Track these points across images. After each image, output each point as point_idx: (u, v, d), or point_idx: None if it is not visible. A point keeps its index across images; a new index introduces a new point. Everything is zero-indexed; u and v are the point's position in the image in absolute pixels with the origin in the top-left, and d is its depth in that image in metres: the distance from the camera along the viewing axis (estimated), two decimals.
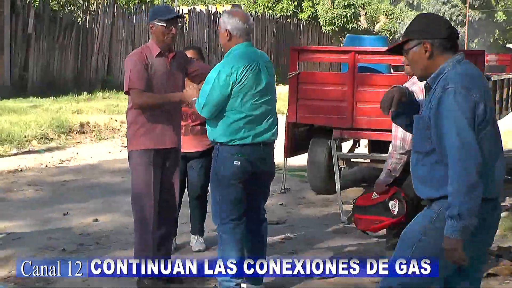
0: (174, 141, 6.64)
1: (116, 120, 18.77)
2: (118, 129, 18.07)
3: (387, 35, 44.56)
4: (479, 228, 4.07)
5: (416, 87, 6.22)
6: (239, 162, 6.10)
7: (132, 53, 6.66)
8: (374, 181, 6.99)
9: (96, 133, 17.24)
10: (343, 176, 11.01)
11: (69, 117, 17.94)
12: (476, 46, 79.58)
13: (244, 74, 6.05)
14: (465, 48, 73.08)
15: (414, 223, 4.34)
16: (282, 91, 14.87)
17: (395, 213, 6.54)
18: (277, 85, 15.95)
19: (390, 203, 6.57)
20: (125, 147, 15.26)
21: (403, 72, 11.69)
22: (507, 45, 72.38)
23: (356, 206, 6.92)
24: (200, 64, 7.10)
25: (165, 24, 6.46)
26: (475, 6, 78.85)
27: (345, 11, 38.99)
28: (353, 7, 39.14)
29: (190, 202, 7.93)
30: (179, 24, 6.78)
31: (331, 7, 39.28)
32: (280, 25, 40.76)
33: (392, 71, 11.91)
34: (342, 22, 39.21)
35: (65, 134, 16.53)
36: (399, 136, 6.53)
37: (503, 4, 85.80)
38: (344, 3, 39.08)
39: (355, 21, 40.93)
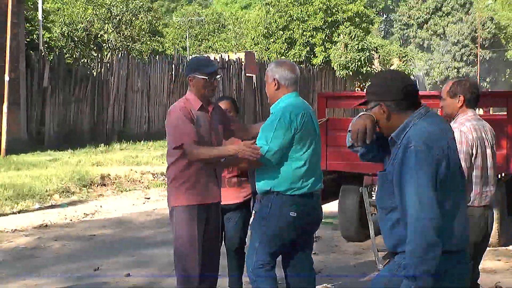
0: (217, 196, 6.50)
1: (136, 172, 18.67)
2: (139, 181, 17.98)
3: None
4: (440, 281, 4.05)
5: (465, 127, 6.12)
6: (295, 213, 6.02)
7: (175, 106, 6.40)
8: None
9: (117, 185, 17.12)
10: (375, 223, 10.80)
11: (89, 169, 17.88)
12: (487, 85, 79.63)
13: (303, 122, 6.07)
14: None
15: (379, 275, 4.40)
16: None
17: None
18: None
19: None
20: (148, 198, 15.38)
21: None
22: None
23: None
24: (236, 122, 6.97)
25: (206, 77, 6.30)
26: (485, 45, 78.97)
27: (358, 55, 39.04)
28: (366, 50, 39.19)
29: (227, 255, 7.74)
30: (219, 76, 6.60)
31: (344, 51, 39.32)
32: None
33: None
34: (356, 66, 39.25)
35: (87, 187, 16.42)
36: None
37: None
38: (358, 47, 39.15)
39: (369, 65, 40.94)
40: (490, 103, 12.55)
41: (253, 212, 6.71)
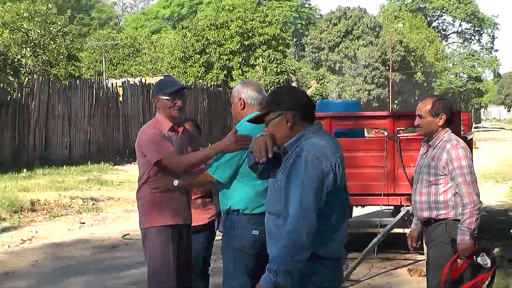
0: (189, 217, 6.49)
1: (65, 197, 18.36)
2: (69, 206, 17.65)
3: (319, 99, 45.15)
4: (308, 281, 4.33)
5: (463, 144, 6.27)
6: (257, 231, 5.97)
7: (148, 126, 6.36)
8: None
9: (48, 210, 16.79)
10: None
11: (18, 195, 17.51)
12: (397, 106, 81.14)
13: None
14: (389, 109, 74.51)
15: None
16: None
17: (489, 265, 6.26)
18: None
19: (479, 259, 6.21)
20: (83, 223, 15.13)
21: (375, 136, 11.70)
22: None
23: (453, 282, 6.28)
24: (202, 144, 6.99)
25: (169, 98, 6.29)
26: (395, 68, 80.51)
27: (277, 78, 39.34)
28: (285, 73, 39.52)
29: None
30: (186, 95, 6.57)
31: (263, 74, 39.58)
32: (212, 94, 40.89)
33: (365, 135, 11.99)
34: (275, 88, 39.68)
35: (18, 213, 16.06)
36: (472, 191, 6.08)
37: (421, 65, 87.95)
38: (276, 70, 39.45)
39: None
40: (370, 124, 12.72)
41: (217, 232, 6.70)
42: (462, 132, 13.55)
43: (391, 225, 10.22)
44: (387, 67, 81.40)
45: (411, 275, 9.96)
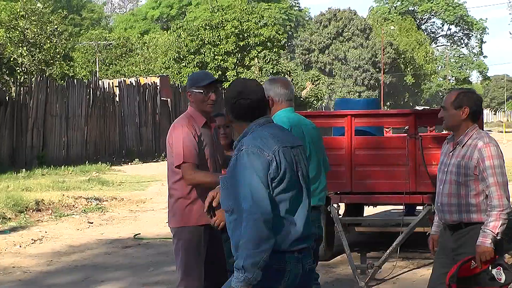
0: None
1: (68, 197, 18.24)
2: (73, 206, 17.53)
3: (314, 100, 45.09)
4: (277, 280, 4.34)
5: (494, 140, 5.96)
6: None
7: (180, 122, 6.23)
8: None
9: (54, 210, 16.63)
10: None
11: (22, 195, 17.35)
12: (388, 108, 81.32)
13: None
14: None
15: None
16: None
17: (502, 281, 5.81)
18: None
19: (494, 271, 5.79)
20: (91, 223, 15.00)
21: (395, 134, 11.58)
22: (416, 107, 74.11)
23: (459, 279, 5.90)
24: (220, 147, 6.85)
25: (202, 91, 6.19)
26: (386, 70, 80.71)
27: None
28: (281, 74, 39.38)
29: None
30: (219, 89, 6.49)
31: (259, 75, 39.47)
32: None
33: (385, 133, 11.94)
34: None
35: (23, 213, 15.90)
36: (503, 193, 5.71)
37: (411, 68, 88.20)
38: (272, 71, 39.32)
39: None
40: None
41: None
42: None
43: (414, 224, 10.13)
44: (377, 69, 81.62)
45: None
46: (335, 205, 10.46)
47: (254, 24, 46.08)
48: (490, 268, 5.74)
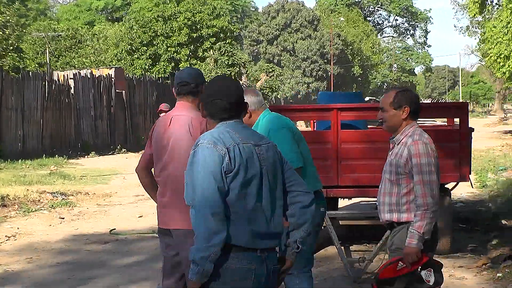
0: None
1: (33, 191, 17.94)
2: (39, 200, 17.21)
3: (269, 92, 45.08)
4: (248, 278, 4.33)
5: (426, 139, 5.82)
6: None
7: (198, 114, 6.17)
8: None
9: (21, 205, 16.32)
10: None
11: None
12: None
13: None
14: None
15: None
16: None
17: (431, 283, 5.67)
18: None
19: (423, 273, 5.66)
20: (63, 218, 14.78)
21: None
22: (366, 99, 74.54)
23: (381, 280, 5.84)
24: None
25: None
26: (334, 61, 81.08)
27: (229, 70, 39.06)
28: (236, 66, 39.27)
29: None
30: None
31: (214, 66, 39.29)
32: (160, 86, 40.54)
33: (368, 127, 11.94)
34: None
35: None
36: (427, 192, 5.60)
37: (358, 58, 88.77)
38: (228, 62, 39.17)
39: (238, 80, 41.10)
40: (437, 114, 12.71)
41: None
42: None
43: None
44: (326, 60, 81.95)
45: None
46: None
47: (206, 16, 45.87)
48: (419, 269, 5.66)
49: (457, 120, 12.82)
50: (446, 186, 10.84)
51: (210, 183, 4.22)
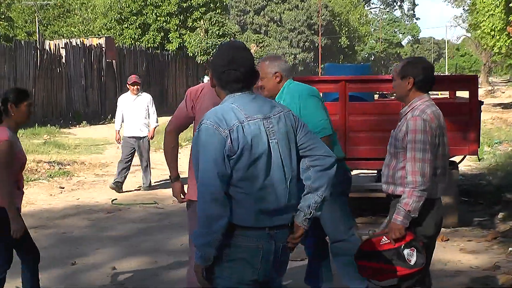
0: None
1: (29, 161, 17.78)
2: (36, 170, 17.14)
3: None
4: (256, 257, 4.23)
5: (426, 115, 5.58)
6: None
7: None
8: None
9: None
10: None
11: None
12: (322, 71, 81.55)
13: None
14: (319, 73, 74.98)
15: None
16: (161, 122, 14.76)
17: (412, 263, 5.49)
18: (160, 115, 15.83)
19: (406, 251, 5.47)
20: (63, 188, 14.75)
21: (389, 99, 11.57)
22: None
23: (362, 252, 5.75)
24: None
25: None
26: (321, 32, 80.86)
27: (219, 40, 38.83)
28: (227, 36, 39.07)
29: None
30: None
31: (205, 36, 39.08)
32: (149, 56, 40.35)
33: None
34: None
35: None
36: (418, 170, 5.43)
37: (345, 30, 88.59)
38: (218, 33, 38.95)
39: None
40: (451, 87, 12.68)
41: None
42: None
43: None
44: (313, 31, 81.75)
45: None
46: None
47: None
48: (402, 247, 5.49)
49: (459, 93, 12.87)
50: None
51: (210, 168, 4.08)
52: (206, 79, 37.02)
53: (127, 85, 15.43)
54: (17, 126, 6.48)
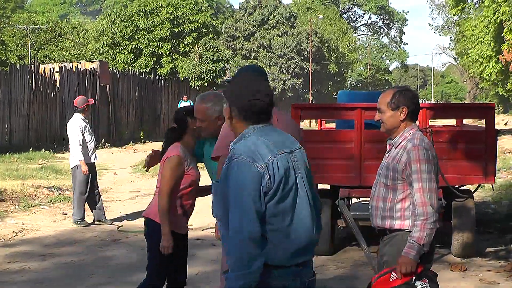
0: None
1: (28, 186, 17.72)
2: (35, 195, 16.97)
3: None
4: None
5: (426, 144, 5.49)
6: None
7: None
8: None
9: (20, 200, 16.03)
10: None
11: None
12: (312, 97, 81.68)
13: None
14: (309, 100, 75.11)
15: None
16: (156, 148, 14.49)
17: None
18: (143, 142, 15.70)
19: (418, 284, 5.27)
20: (65, 214, 14.56)
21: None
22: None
23: None
24: None
25: None
26: (312, 58, 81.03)
27: (214, 66, 38.77)
28: (221, 62, 39.03)
29: None
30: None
31: (199, 62, 39.01)
32: (143, 81, 40.28)
33: None
34: (211, 77, 38.86)
35: None
36: (427, 201, 5.27)
37: (335, 56, 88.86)
38: (213, 58, 38.91)
39: (223, 75, 40.85)
40: (468, 115, 12.62)
41: None
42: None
43: None
44: (302, 57, 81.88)
45: (451, 270, 9.82)
46: (344, 199, 10.31)
47: (189, 10, 45.61)
48: (413, 280, 5.30)
49: (466, 121, 12.81)
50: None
51: (248, 205, 3.92)
52: (183, 103, 36.79)
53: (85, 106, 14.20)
54: (194, 141, 6.52)
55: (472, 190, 11.12)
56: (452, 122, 15.30)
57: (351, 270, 10.05)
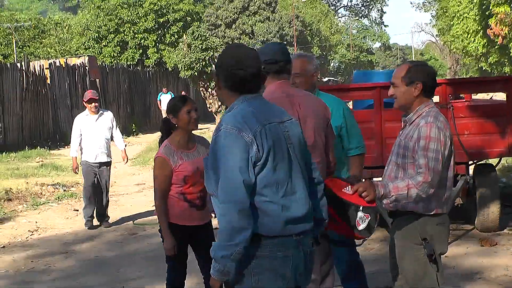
0: None
1: (32, 184, 17.52)
2: (41, 193, 16.79)
3: None
4: (286, 266, 4.07)
5: (440, 123, 5.16)
6: None
7: None
8: None
9: (24, 199, 15.85)
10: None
11: None
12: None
13: None
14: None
15: None
16: (149, 140, 14.37)
17: (360, 228, 4.72)
18: (136, 135, 15.48)
19: (360, 214, 4.70)
20: (77, 210, 14.41)
21: None
22: (323, 79, 74.71)
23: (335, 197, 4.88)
24: None
25: None
26: (294, 42, 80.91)
27: (203, 54, 38.50)
28: (210, 50, 38.78)
29: None
30: None
31: (188, 51, 38.77)
32: (131, 74, 40.06)
33: None
34: (200, 66, 38.58)
35: None
36: (429, 178, 4.94)
37: (317, 39, 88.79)
38: (202, 47, 38.65)
39: (213, 64, 40.61)
40: (488, 89, 12.57)
41: None
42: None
43: (453, 195, 9.99)
44: (285, 42, 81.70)
45: (482, 245, 9.77)
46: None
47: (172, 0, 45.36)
48: (361, 208, 4.73)
49: (474, 95, 12.72)
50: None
51: (235, 176, 3.88)
52: (164, 96, 36.53)
53: (84, 103, 13.01)
54: (185, 134, 6.43)
55: (494, 164, 11.05)
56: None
57: (379, 252, 9.97)
